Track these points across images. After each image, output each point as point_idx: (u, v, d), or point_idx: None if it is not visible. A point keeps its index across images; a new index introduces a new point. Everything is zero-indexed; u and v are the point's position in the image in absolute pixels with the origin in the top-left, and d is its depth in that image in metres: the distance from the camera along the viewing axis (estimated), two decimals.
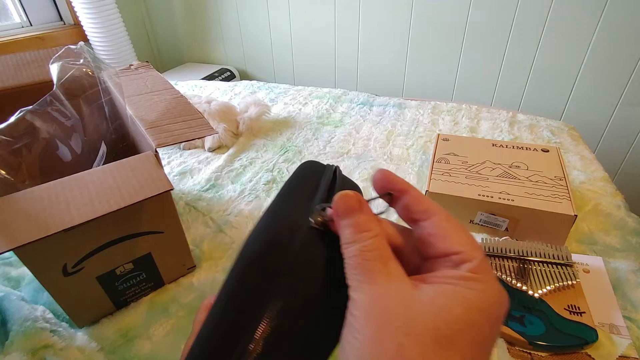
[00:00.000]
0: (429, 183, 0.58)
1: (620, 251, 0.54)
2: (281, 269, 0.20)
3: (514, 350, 0.42)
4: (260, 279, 0.20)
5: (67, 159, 0.55)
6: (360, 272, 0.18)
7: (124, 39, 1.56)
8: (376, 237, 0.19)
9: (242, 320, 0.19)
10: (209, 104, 0.86)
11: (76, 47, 0.60)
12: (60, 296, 0.41)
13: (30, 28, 1.50)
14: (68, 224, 0.34)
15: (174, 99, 0.53)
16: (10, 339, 0.39)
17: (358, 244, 0.19)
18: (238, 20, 1.71)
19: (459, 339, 0.16)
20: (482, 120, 0.91)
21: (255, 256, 0.21)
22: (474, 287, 0.17)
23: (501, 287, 0.18)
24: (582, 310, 0.43)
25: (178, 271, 0.52)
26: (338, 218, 0.21)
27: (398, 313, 0.16)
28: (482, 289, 0.17)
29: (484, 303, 0.17)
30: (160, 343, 0.44)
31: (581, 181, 0.68)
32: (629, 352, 0.40)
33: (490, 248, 0.51)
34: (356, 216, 0.20)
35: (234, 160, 0.79)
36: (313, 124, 0.93)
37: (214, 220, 0.63)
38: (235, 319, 0.19)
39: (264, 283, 0.20)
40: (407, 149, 0.81)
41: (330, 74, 1.67)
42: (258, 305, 0.19)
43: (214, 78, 1.69)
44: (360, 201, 0.21)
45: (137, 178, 0.39)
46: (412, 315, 0.16)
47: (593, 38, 1.20)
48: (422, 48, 1.45)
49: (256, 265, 0.20)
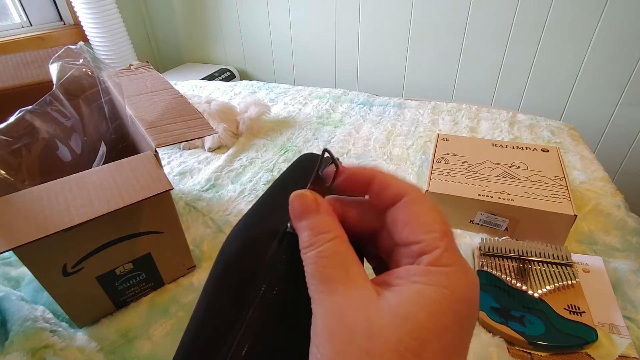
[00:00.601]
0: (429, 183, 0.58)
1: (620, 251, 0.54)
2: (255, 277, 0.19)
3: (513, 350, 0.42)
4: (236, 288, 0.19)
5: (66, 159, 0.55)
6: (319, 280, 0.17)
7: (124, 39, 1.56)
8: (335, 239, 0.18)
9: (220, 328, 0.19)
10: (209, 104, 0.86)
11: (76, 47, 0.60)
12: (60, 296, 0.41)
13: (30, 28, 1.50)
14: (68, 224, 0.34)
15: (173, 99, 0.53)
16: (10, 339, 0.39)
17: (315, 249, 0.18)
18: (238, 20, 1.71)
19: (426, 349, 0.14)
20: (482, 120, 0.91)
21: (232, 261, 0.20)
22: (436, 283, 0.16)
23: (469, 278, 0.16)
24: (582, 310, 0.43)
25: (178, 271, 0.52)
26: (294, 220, 0.19)
27: (359, 330, 0.15)
28: (445, 284, 0.16)
29: (448, 301, 0.15)
30: (160, 343, 0.44)
31: (581, 181, 0.68)
32: (629, 352, 0.40)
33: (490, 248, 0.51)
34: (312, 217, 0.19)
35: (234, 160, 0.79)
36: (313, 124, 0.93)
37: (214, 220, 0.63)
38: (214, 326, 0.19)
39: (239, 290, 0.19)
40: (407, 149, 0.81)
41: (330, 74, 1.67)
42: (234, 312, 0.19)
43: (214, 78, 1.69)
44: (316, 200, 0.19)
45: (136, 178, 0.39)
46: (374, 331, 0.15)
47: (593, 38, 1.20)
48: (422, 48, 1.45)
49: (233, 271, 0.20)
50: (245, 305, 0.19)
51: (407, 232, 0.18)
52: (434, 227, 0.17)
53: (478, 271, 0.49)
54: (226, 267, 0.20)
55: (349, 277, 0.17)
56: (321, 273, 0.17)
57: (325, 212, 0.19)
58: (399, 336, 0.14)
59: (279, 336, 0.19)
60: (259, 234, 0.21)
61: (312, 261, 0.18)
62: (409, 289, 0.16)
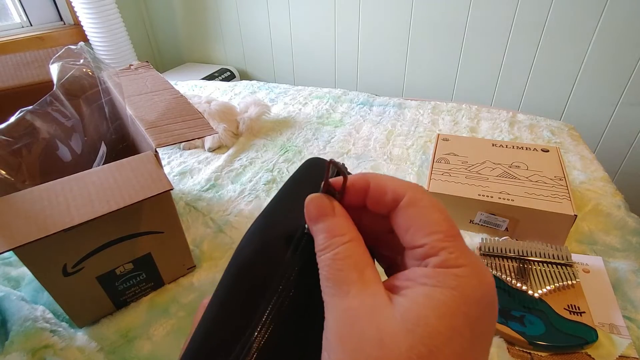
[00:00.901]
0: (429, 183, 0.58)
1: (620, 251, 0.54)
2: (270, 281, 0.19)
3: (513, 350, 0.42)
4: (248, 292, 0.19)
5: (67, 159, 0.55)
6: (333, 283, 0.17)
7: (124, 39, 1.56)
8: (350, 242, 0.18)
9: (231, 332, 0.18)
10: (209, 104, 0.86)
11: (76, 47, 0.60)
12: (60, 296, 0.42)
13: (30, 28, 1.50)
14: (68, 224, 0.34)
15: (174, 99, 0.53)
16: (10, 339, 0.39)
17: (330, 251, 0.18)
18: (238, 20, 1.72)
19: (439, 355, 0.14)
20: (482, 120, 0.91)
21: (246, 264, 0.20)
22: (445, 284, 0.15)
23: (481, 277, 0.16)
24: (582, 310, 0.43)
25: (178, 271, 0.52)
26: (310, 223, 0.19)
27: (369, 337, 0.15)
28: (454, 285, 0.15)
29: (457, 303, 0.15)
30: (160, 343, 0.44)
31: (581, 181, 0.68)
32: (629, 352, 0.40)
33: (490, 248, 0.51)
34: (329, 220, 0.19)
35: (234, 160, 0.79)
36: (313, 124, 0.93)
37: (214, 220, 0.63)
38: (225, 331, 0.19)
39: (253, 295, 0.19)
40: (407, 149, 0.81)
41: (330, 74, 1.67)
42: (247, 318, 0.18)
43: (214, 78, 1.69)
44: (332, 204, 0.19)
45: (137, 178, 0.39)
46: (384, 338, 0.14)
47: (593, 38, 1.20)
48: (422, 48, 1.45)
49: (246, 275, 0.20)
50: (258, 310, 0.19)
51: (409, 236, 0.17)
52: (436, 228, 0.17)
53: None
54: (239, 272, 0.20)
55: (363, 280, 0.17)
56: (335, 275, 0.17)
57: (341, 215, 0.19)
58: (410, 343, 0.14)
59: (290, 343, 0.18)
60: (272, 238, 0.21)
61: (326, 263, 0.17)
62: (418, 292, 0.16)
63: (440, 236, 0.16)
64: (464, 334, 0.15)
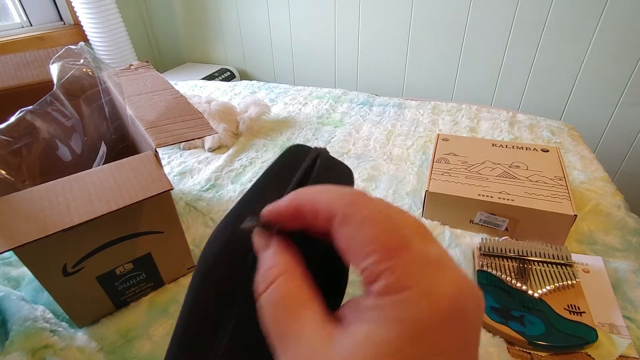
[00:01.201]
0: (429, 183, 0.58)
1: (620, 251, 0.54)
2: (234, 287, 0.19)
3: (513, 350, 0.42)
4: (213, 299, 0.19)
5: (67, 159, 0.55)
6: (275, 337, 0.16)
7: (124, 39, 1.56)
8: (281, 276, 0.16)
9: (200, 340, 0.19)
10: (209, 104, 0.86)
11: (76, 47, 0.60)
12: (60, 296, 0.42)
13: (30, 28, 1.50)
14: (68, 224, 0.34)
15: (174, 99, 0.53)
16: (10, 339, 0.39)
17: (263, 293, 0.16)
18: (238, 20, 1.72)
19: None
20: (482, 120, 0.91)
21: (210, 271, 0.20)
22: (389, 318, 0.13)
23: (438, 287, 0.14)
24: (582, 310, 0.43)
25: (178, 271, 0.52)
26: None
27: None
28: (400, 317, 0.13)
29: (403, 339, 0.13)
30: (160, 343, 0.44)
31: (581, 181, 0.68)
32: (629, 352, 0.40)
33: (490, 248, 0.51)
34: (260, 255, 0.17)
35: (234, 160, 0.79)
36: (313, 124, 0.93)
37: (214, 220, 0.63)
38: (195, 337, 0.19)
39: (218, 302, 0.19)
40: (407, 149, 0.81)
41: (330, 74, 1.67)
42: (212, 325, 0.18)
43: (214, 78, 1.70)
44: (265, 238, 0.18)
45: (137, 178, 0.39)
46: None
47: (593, 38, 1.20)
48: (422, 48, 1.45)
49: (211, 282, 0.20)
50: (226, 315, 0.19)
51: (350, 261, 0.16)
52: (371, 247, 0.14)
53: (478, 271, 0.49)
54: (205, 274, 0.20)
55: (299, 325, 0.15)
56: (274, 329, 0.16)
57: (274, 246, 0.18)
58: None
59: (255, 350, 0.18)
60: (238, 238, 0.20)
61: (263, 311, 0.16)
62: (358, 332, 0.14)
63: (376, 257, 0.14)
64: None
